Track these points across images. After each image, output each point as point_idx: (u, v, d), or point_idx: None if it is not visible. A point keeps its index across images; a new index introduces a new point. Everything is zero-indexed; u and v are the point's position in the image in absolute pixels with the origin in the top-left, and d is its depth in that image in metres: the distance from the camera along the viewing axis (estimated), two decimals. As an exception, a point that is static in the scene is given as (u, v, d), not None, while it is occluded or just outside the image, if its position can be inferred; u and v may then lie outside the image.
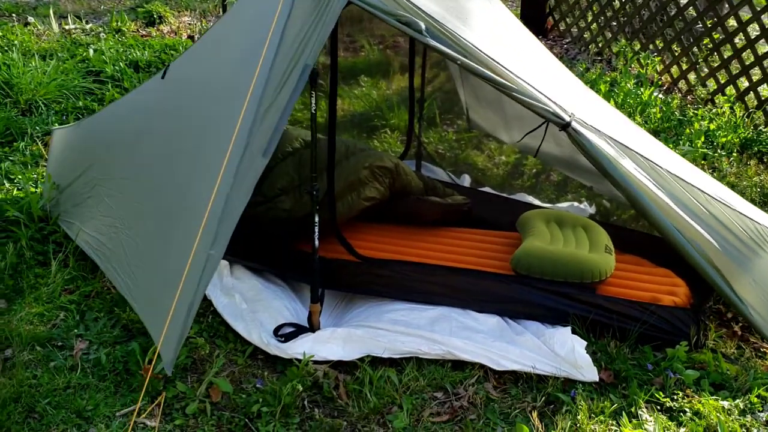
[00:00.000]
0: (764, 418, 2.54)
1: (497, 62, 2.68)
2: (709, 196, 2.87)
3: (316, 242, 2.86)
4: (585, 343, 2.79)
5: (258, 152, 2.34)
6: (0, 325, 2.89)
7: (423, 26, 2.55)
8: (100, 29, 7.44)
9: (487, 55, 2.67)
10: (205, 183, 2.35)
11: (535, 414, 2.49)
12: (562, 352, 2.75)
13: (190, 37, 7.46)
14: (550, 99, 2.72)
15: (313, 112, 2.67)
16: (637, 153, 2.80)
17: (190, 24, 8.23)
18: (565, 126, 2.70)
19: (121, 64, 5.90)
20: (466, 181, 4.34)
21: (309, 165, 3.44)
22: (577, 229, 3.40)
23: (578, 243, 3.27)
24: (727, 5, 5.76)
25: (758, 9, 5.50)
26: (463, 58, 2.61)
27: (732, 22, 5.84)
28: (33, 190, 4.01)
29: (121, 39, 6.95)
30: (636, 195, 2.71)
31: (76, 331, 2.94)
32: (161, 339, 2.12)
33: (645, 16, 6.74)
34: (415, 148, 4.33)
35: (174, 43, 6.59)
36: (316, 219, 2.83)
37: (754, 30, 5.68)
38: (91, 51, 6.22)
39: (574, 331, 2.87)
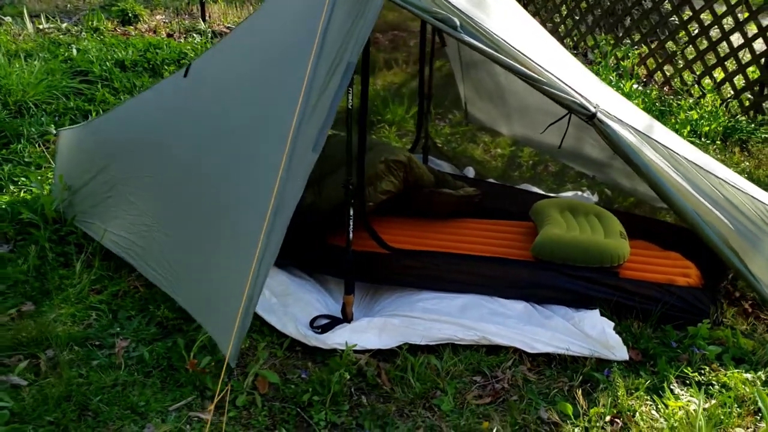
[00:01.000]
0: (757, 392, 2.70)
1: (525, 56, 2.78)
2: (722, 180, 3.03)
3: (350, 235, 2.93)
4: (613, 324, 2.92)
5: (308, 148, 2.39)
6: (36, 326, 2.88)
7: (458, 22, 2.63)
8: (77, 28, 7.33)
9: (516, 49, 2.77)
10: (259, 180, 2.40)
11: (579, 392, 2.61)
12: (593, 333, 2.87)
13: (170, 35, 7.40)
14: (575, 91, 2.83)
15: (350, 107, 2.73)
16: (656, 141, 2.94)
17: (166, 22, 8.16)
18: (591, 117, 2.81)
19: (107, 63, 5.84)
20: (470, 173, 4.45)
21: (328, 161, 3.52)
22: (590, 216, 3.54)
23: (593, 230, 3.41)
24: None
25: (732, 3, 5.74)
26: (495, 53, 2.71)
27: (706, 15, 6.06)
28: (37, 191, 3.97)
29: (100, 38, 6.87)
30: (658, 182, 2.84)
31: (111, 330, 2.95)
32: (234, 331, 2.17)
33: (620, 10, 6.95)
34: (423, 141, 4.40)
35: (157, 42, 6.53)
36: (351, 212, 2.90)
37: (727, 23, 5.92)
38: (74, 51, 6.13)
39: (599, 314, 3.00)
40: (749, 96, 5.78)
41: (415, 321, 2.94)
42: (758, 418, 2.56)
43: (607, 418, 2.53)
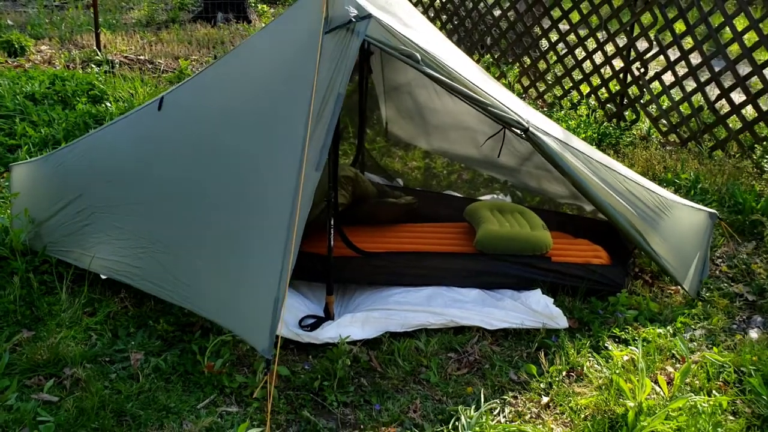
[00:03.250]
0: (688, 337, 3.43)
1: (471, 81, 3.34)
2: (624, 176, 3.73)
3: (332, 242, 3.36)
4: (552, 299, 3.54)
5: (311, 168, 2.81)
6: (47, 348, 3.06)
7: (419, 57, 3.15)
8: (-36, 62, 7.16)
9: (463, 76, 3.32)
10: (277, 198, 2.79)
11: (542, 354, 3.18)
12: (538, 308, 3.47)
13: (68, 66, 7.39)
14: (510, 109, 3.43)
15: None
16: (573, 147, 3.59)
17: (53, 53, 8.09)
18: (525, 131, 3.41)
19: (19, 97, 5.84)
20: (400, 183, 4.98)
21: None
22: (514, 214, 4.16)
23: (520, 225, 4.02)
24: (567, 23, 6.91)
25: (593, 27, 6.69)
26: (449, 81, 3.24)
27: (572, 38, 6.98)
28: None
29: (-6, 71, 6.78)
30: (580, 181, 3.49)
31: (116, 347, 3.18)
32: (279, 325, 2.54)
33: (496, 33, 7.78)
34: (361, 158, 4.88)
35: (63, 74, 6.56)
36: (332, 222, 3.33)
37: (590, 44, 6.87)
38: (-25, 85, 6.06)
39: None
40: (611, 107, 6.74)
41: (392, 312, 3.40)
42: (674, 361, 3.25)
43: (564, 373, 3.13)
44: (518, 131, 3.44)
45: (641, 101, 6.46)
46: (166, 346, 3.20)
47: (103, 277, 3.52)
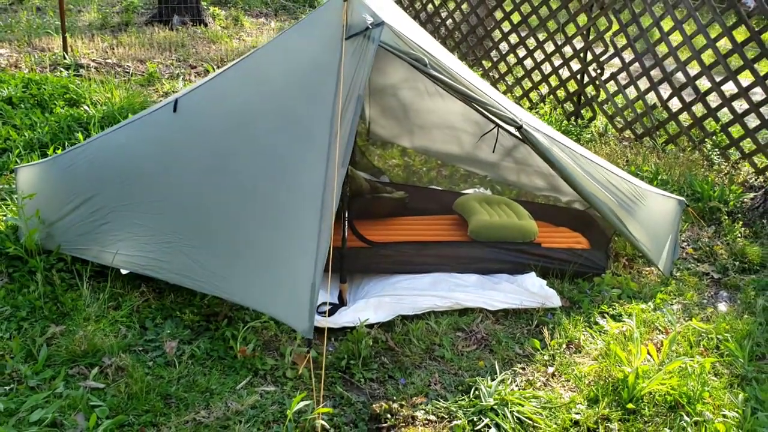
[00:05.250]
0: (666, 312, 3.82)
1: (471, 83, 3.64)
2: (605, 168, 4.10)
3: (346, 234, 3.60)
4: (545, 281, 3.87)
5: (339, 164, 3.06)
6: (84, 340, 3.21)
7: (427, 61, 3.43)
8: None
9: (463, 77, 3.61)
10: (307, 194, 3.02)
11: (544, 329, 3.51)
12: (534, 289, 3.80)
13: (34, 70, 7.37)
14: (506, 108, 3.74)
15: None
16: (560, 142, 3.93)
17: (10, 56, 8.03)
18: (519, 128, 3.73)
19: (-3, 101, 5.86)
20: (385, 179, 5.24)
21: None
22: (501, 205, 4.48)
23: (507, 215, 4.35)
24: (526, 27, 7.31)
25: (551, 31, 7.10)
26: (453, 83, 3.53)
27: (531, 41, 7.39)
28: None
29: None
30: (568, 173, 3.82)
31: (146, 337, 3.35)
32: (318, 304, 2.76)
33: (458, 37, 8.13)
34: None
35: (38, 78, 6.57)
36: (346, 215, 3.58)
37: (549, 47, 7.28)
38: (-52, 90, 6.03)
39: (532, 276, 3.94)
40: (569, 106, 7.17)
41: (401, 297, 3.67)
42: (657, 332, 3.62)
43: (564, 346, 3.46)
44: (513, 128, 3.75)
45: (598, 100, 6.90)
46: (194, 335, 3.39)
47: (124, 272, 3.68)
